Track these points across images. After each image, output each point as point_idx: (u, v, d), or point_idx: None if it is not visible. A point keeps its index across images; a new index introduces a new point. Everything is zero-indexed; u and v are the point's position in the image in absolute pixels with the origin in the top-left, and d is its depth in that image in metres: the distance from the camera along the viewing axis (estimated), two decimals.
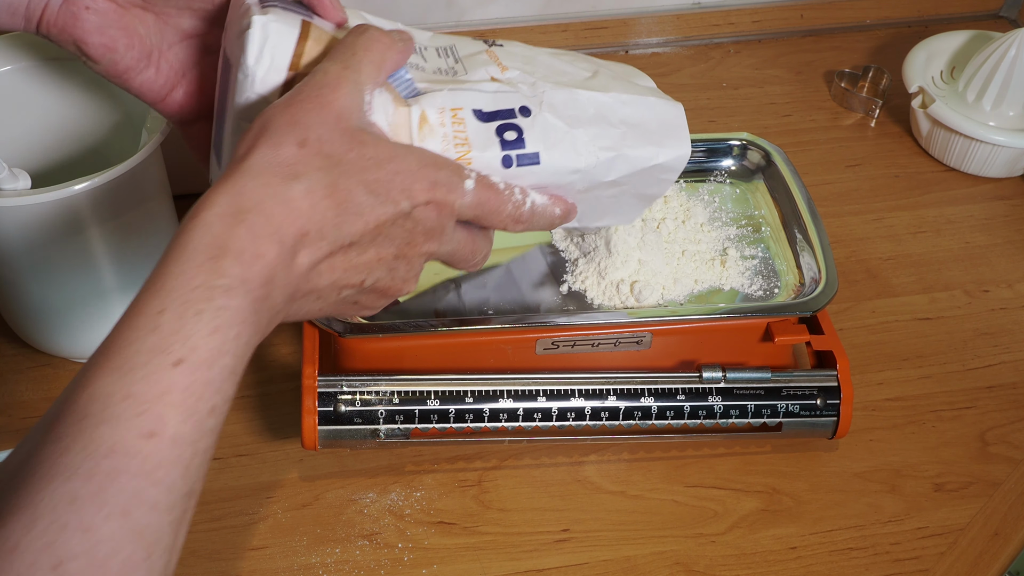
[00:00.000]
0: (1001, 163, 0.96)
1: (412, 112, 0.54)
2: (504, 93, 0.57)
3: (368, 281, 0.52)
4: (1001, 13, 1.17)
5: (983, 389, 0.81)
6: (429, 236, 0.53)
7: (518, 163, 0.56)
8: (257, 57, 0.53)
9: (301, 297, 0.49)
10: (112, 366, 0.42)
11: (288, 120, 0.49)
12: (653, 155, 0.61)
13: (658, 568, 0.69)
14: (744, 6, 1.12)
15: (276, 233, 0.46)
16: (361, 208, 0.49)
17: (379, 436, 0.69)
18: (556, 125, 0.57)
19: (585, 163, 0.58)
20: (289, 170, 0.47)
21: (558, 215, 0.59)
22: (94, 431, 0.40)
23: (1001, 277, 0.89)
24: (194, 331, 0.43)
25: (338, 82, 0.50)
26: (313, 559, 0.69)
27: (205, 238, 0.45)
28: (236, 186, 0.46)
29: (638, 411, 0.70)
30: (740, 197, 0.81)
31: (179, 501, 0.42)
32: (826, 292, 0.72)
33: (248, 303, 0.45)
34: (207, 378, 0.43)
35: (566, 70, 0.61)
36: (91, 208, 0.69)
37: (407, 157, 0.51)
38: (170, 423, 0.41)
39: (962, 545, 0.71)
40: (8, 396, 0.77)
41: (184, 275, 0.44)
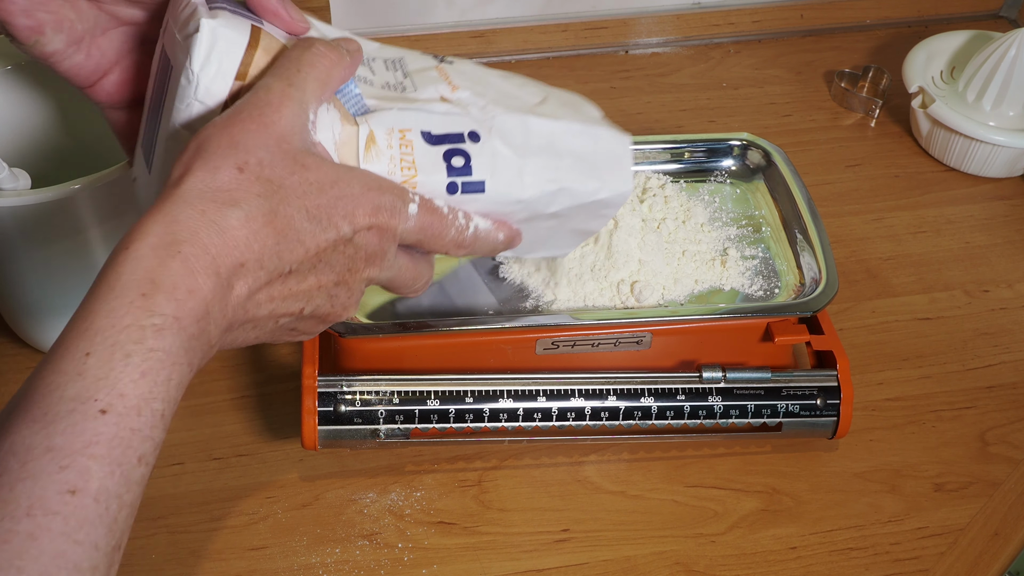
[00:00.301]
0: (1001, 163, 0.96)
1: (360, 131, 0.52)
2: (454, 116, 0.55)
3: (307, 309, 0.50)
4: (1001, 13, 1.17)
5: (983, 389, 0.81)
6: (370, 261, 0.51)
7: (463, 190, 0.55)
8: (203, 64, 0.50)
9: (237, 327, 0.48)
10: (33, 415, 0.40)
11: (227, 142, 0.46)
12: (595, 190, 0.60)
13: (658, 568, 0.69)
14: (744, 6, 1.12)
15: (212, 265, 0.44)
16: (301, 235, 0.47)
17: (379, 436, 0.69)
18: (504, 154, 0.56)
19: (529, 194, 0.57)
20: (227, 196, 0.45)
21: (501, 241, 0.58)
22: (12, 489, 0.38)
23: (1001, 277, 0.89)
24: (121, 376, 0.41)
25: (281, 101, 0.48)
26: (313, 559, 0.69)
27: (136, 272, 0.43)
28: (170, 214, 0.44)
29: (638, 411, 0.70)
30: (740, 197, 0.81)
31: (104, 559, 0.40)
32: (826, 292, 0.72)
33: (180, 342, 0.43)
34: (135, 426, 0.41)
35: (516, 94, 0.60)
36: (91, 207, 0.69)
37: (350, 181, 0.49)
38: (94, 477, 0.39)
39: (962, 545, 0.71)
40: (8, 396, 0.77)
41: (113, 314, 0.42)
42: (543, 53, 1.09)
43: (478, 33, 1.07)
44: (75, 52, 0.56)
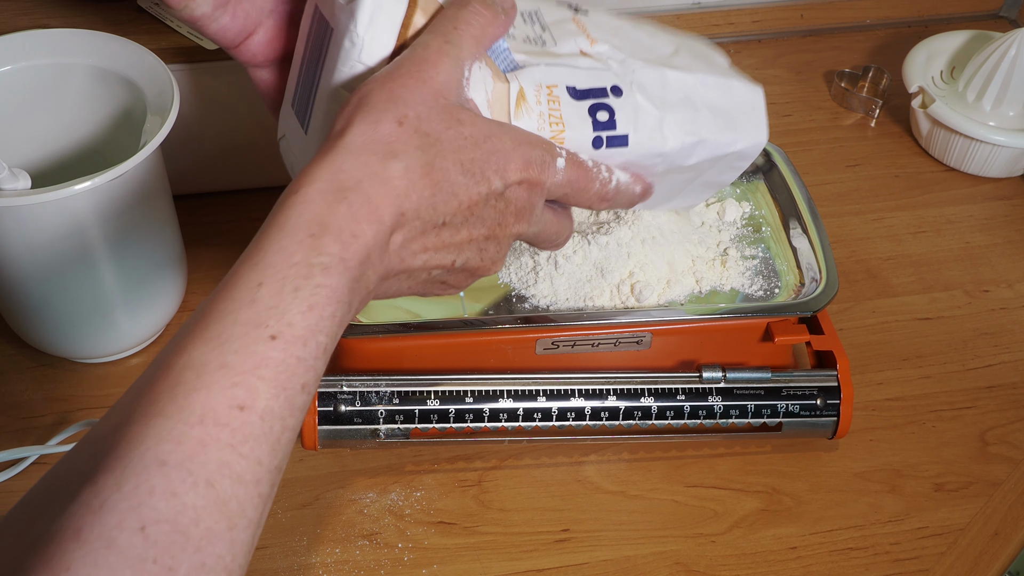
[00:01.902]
0: (1001, 163, 0.96)
1: (511, 88, 0.53)
2: (596, 70, 0.56)
3: (459, 261, 0.52)
4: (1001, 13, 1.17)
5: (983, 389, 0.81)
6: (520, 216, 0.53)
7: (607, 144, 0.56)
8: (367, 26, 0.52)
9: (393, 276, 0.49)
10: (209, 335, 0.42)
11: (387, 96, 0.48)
12: (732, 141, 0.61)
13: (658, 568, 0.69)
14: (744, 6, 1.12)
15: (375, 213, 0.46)
16: (456, 188, 0.49)
17: (379, 436, 0.69)
18: (646, 107, 0.57)
19: (670, 147, 0.58)
20: (387, 148, 0.47)
21: (638, 194, 0.59)
22: (187, 398, 0.40)
23: (1001, 277, 0.89)
24: (291, 307, 0.43)
25: (438, 57, 0.50)
26: (313, 559, 0.69)
27: (305, 214, 0.45)
28: (335, 163, 0.46)
29: (638, 411, 0.70)
30: (740, 197, 0.81)
31: (266, 476, 0.42)
32: (826, 292, 0.72)
33: (345, 282, 0.45)
34: (300, 355, 0.43)
35: (650, 45, 0.60)
36: (91, 208, 0.69)
37: (502, 136, 0.51)
38: (261, 397, 0.41)
39: (962, 545, 0.71)
40: (8, 396, 0.77)
41: (284, 250, 0.44)
42: None
43: None
44: (221, 15, 0.57)
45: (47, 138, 0.78)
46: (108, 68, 0.74)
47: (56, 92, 0.76)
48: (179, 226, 0.78)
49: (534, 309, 0.73)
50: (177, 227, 0.78)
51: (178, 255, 0.79)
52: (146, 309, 0.77)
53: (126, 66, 0.74)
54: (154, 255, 0.76)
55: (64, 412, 0.76)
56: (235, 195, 0.90)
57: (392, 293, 0.51)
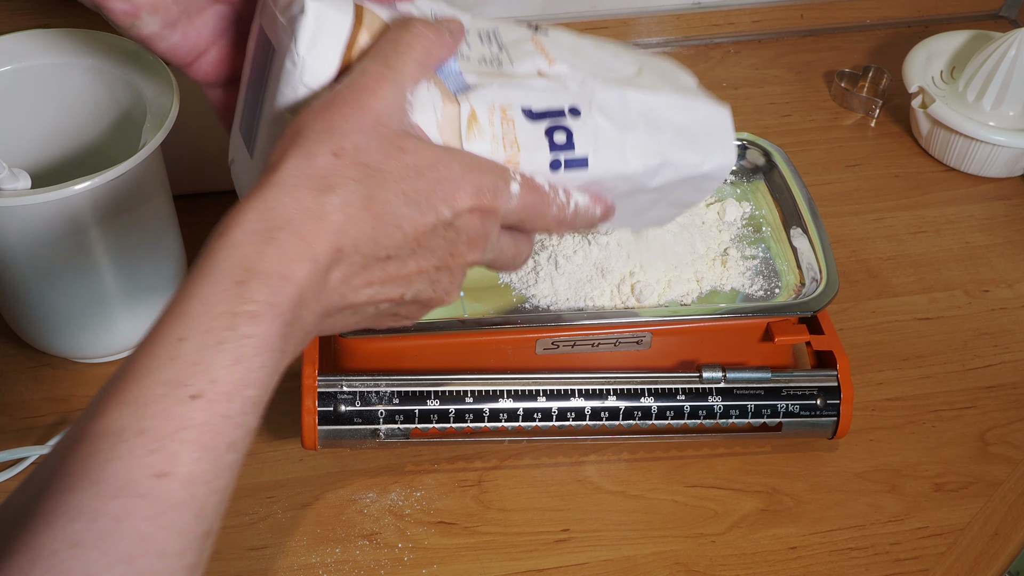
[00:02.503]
0: (1001, 163, 0.96)
1: (461, 110, 0.51)
2: (553, 91, 0.54)
3: (408, 294, 0.50)
4: (1001, 13, 1.17)
5: (983, 389, 0.81)
6: (472, 244, 0.51)
7: (566, 167, 0.54)
8: (309, 46, 0.50)
9: (335, 313, 0.48)
10: (127, 398, 0.40)
11: (323, 127, 0.46)
12: (699, 163, 0.59)
13: (658, 568, 0.69)
14: (744, 6, 1.12)
15: (308, 252, 0.44)
16: (399, 219, 0.47)
17: (379, 436, 0.69)
18: (606, 128, 0.55)
19: (632, 169, 0.56)
20: (323, 182, 0.45)
21: (599, 216, 0.57)
22: (102, 469, 0.38)
23: (1001, 277, 0.89)
24: (215, 362, 0.41)
25: (378, 84, 0.48)
26: (313, 559, 0.69)
27: (231, 259, 0.43)
28: (265, 201, 0.44)
29: (638, 411, 0.70)
30: (741, 197, 0.81)
31: (191, 545, 0.40)
32: (826, 292, 0.72)
33: (275, 329, 0.43)
34: (226, 412, 0.41)
35: (612, 65, 0.59)
36: (91, 208, 0.69)
37: (450, 163, 0.49)
38: (184, 462, 0.39)
39: (962, 545, 0.71)
40: (8, 396, 0.77)
41: (208, 300, 0.42)
42: None
43: None
44: (171, 33, 0.56)
45: (47, 138, 0.78)
46: (108, 68, 0.74)
47: (56, 92, 0.76)
48: (179, 226, 0.78)
49: (534, 309, 0.73)
50: (177, 227, 0.78)
51: (178, 255, 0.79)
52: (146, 309, 0.77)
53: (126, 66, 0.74)
54: (154, 255, 0.76)
55: (64, 412, 0.76)
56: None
57: (338, 329, 0.49)
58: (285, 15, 0.51)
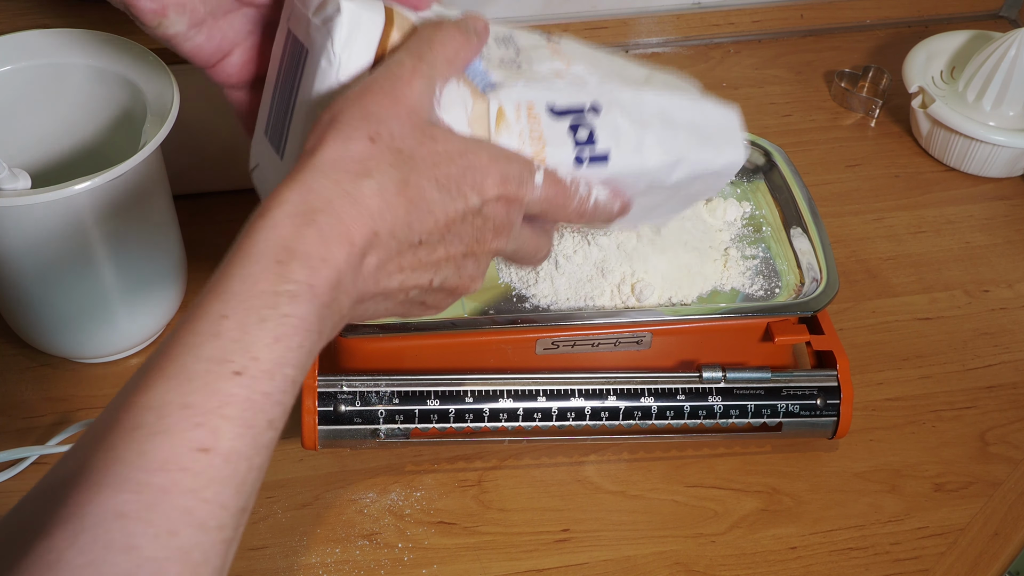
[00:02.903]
0: (1001, 163, 0.96)
1: (490, 106, 0.53)
2: (575, 88, 0.56)
3: (436, 280, 0.51)
4: (1001, 13, 1.17)
5: (983, 389, 0.81)
6: (498, 232, 0.52)
7: (589, 163, 0.56)
8: (344, 45, 0.51)
9: (368, 299, 0.48)
10: (170, 373, 0.40)
11: (359, 113, 0.47)
12: (712, 160, 0.61)
13: (658, 568, 0.69)
14: (744, 6, 1.12)
15: (346, 235, 0.45)
16: (432, 205, 0.48)
17: (379, 436, 0.69)
18: (625, 126, 0.57)
19: (651, 165, 0.58)
20: (360, 167, 0.46)
21: (617, 211, 0.58)
22: (146, 442, 0.39)
23: (1001, 277, 0.89)
24: (256, 340, 0.41)
25: (412, 75, 0.49)
26: (313, 559, 0.69)
27: (272, 240, 0.43)
28: (305, 184, 0.45)
29: (638, 411, 0.70)
30: (741, 197, 0.81)
31: (230, 520, 0.40)
32: (826, 292, 0.72)
33: (314, 310, 0.43)
34: (267, 390, 0.41)
35: (623, 71, 0.61)
36: (91, 208, 0.69)
37: (478, 152, 0.50)
38: (225, 437, 0.40)
39: (962, 545, 0.71)
40: (8, 396, 0.77)
41: (249, 279, 0.42)
42: None
43: None
44: (197, 34, 0.56)
45: (47, 138, 0.78)
46: (108, 68, 0.74)
47: (56, 92, 0.76)
48: (179, 226, 0.78)
49: (534, 309, 0.73)
50: (177, 227, 0.78)
51: (178, 255, 0.79)
52: (146, 309, 0.77)
53: (126, 66, 0.74)
54: (154, 255, 0.76)
55: (64, 412, 0.76)
56: (235, 195, 0.90)
57: (369, 316, 0.50)
58: (319, 16, 0.52)
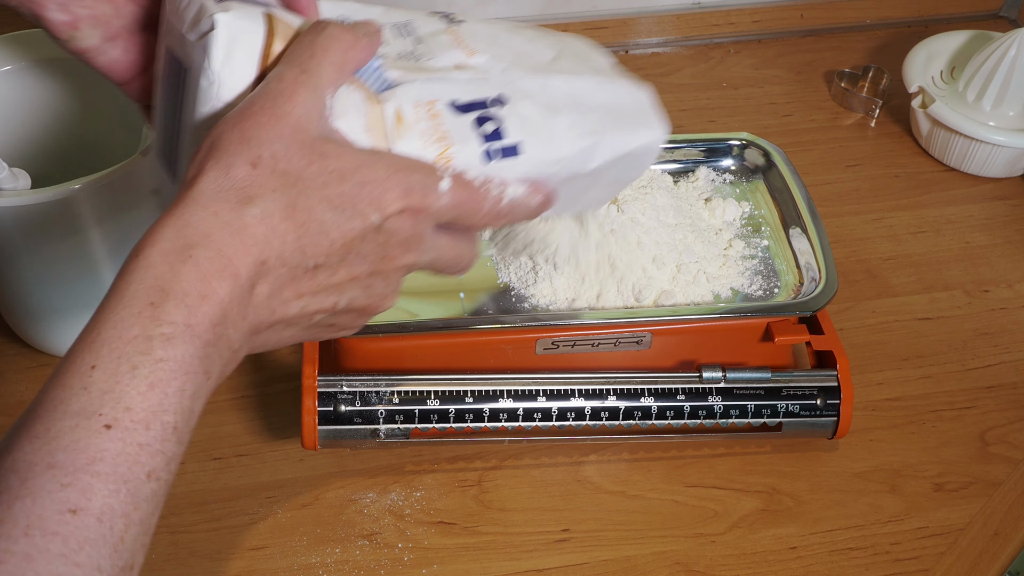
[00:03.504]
0: (1001, 163, 0.96)
1: (386, 109, 0.50)
2: (477, 82, 0.54)
3: (342, 303, 0.48)
4: (1001, 13, 1.17)
5: (983, 389, 0.81)
6: (406, 247, 0.49)
7: (500, 156, 0.53)
8: (223, 62, 0.48)
9: (266, 329, 0.46)
10: (36, 432, 0.38)
11: (238, 137, 0.45)
12: (631, 139, 0.58)
13: (658, 568, 0.69)
14: (744, 6, 1.12)
15: (228, 267, 0.42)
16: (325, 227, 0.45)
17: (379, 436, 0.69)
18: (533, 114, 0.54)
19: (567, 151, 0.55)
20: (241, 194, 0.43)
21: (537, 205, 0.55)
22: (10, 508, 0.37)
23: (1001, 277, 0.89)
24: (128, 389, 0.39)
25: (294, 89, 0.46)
26: (313, 559, 0.69)
27: (145, 281, 0.41)
28: (182, 218, 0.43)
29: (638, 411, 0.70)
30: (740, 197, 0.81)
31: None
32: (826, 292, 0.72)
33: (194, 350, 0.41)
34: (143, 441, 0.39)
35: (530, 52, 0.58)
36: (91, 208, 0.69)
37: (374, 165, 0.47)
38: (97, 495, 0.38)
39: (962, 545, 0.71)
40: (8, 396, 0.77)
41: (120, 324, 0.40)
42: None
43: None
44: (111, 48, 0.54)
45: (47, 138, 0.78)
46: None
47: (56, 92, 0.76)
48: None
49: (534, 309, 0.73)
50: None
51: None
52: None
53: None
54: None
55: None
56: None
57: (272, 344, 0.48)
58: (193, 32, 0.49)
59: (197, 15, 0.49)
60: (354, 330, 0.52)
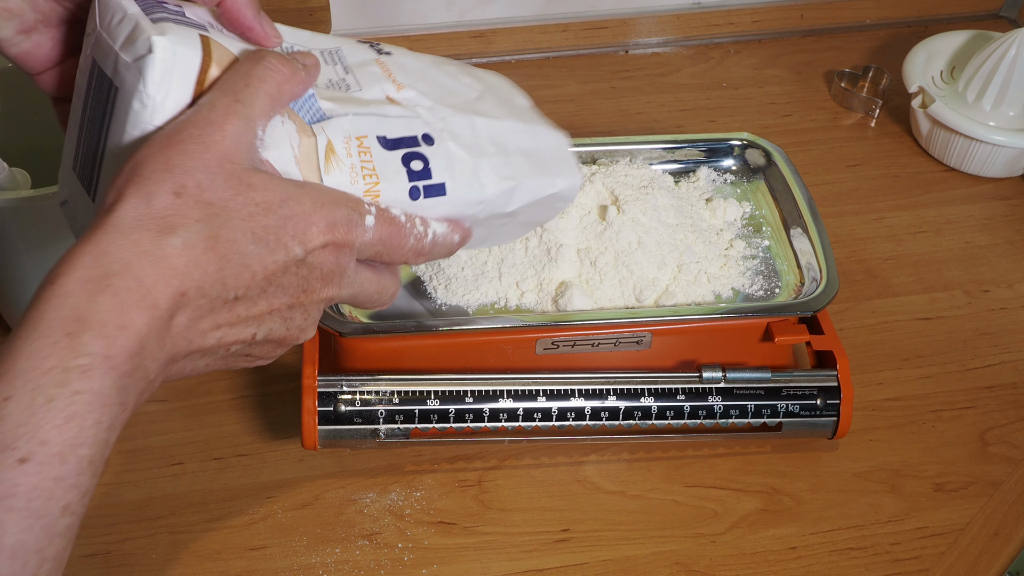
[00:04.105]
0: (1001, 163, 0.96)
1: (318, 143, 0.50)
2: (406, 118, 0.54)
3: (260, 334, 0.48)
4: (1001, 13, 1.17)
5: (983, 389, 0.81)
6: (327, 281, 0.49)
7: (424, 195, 0.53)
8: (158, 84, 0.47)
9: (182, 358, 0.45)
10: None
11: (162, 165, 0.44)
12: (549, 184, 0.60)
13: (658, 568, 0.69)
14: (744, 6, 1.12)
15: (147, 298, 0.42)
16: (247, 259, 0.45)
17: (379, 436, 0.69)
18: (459, 154, 0.55)
19: (488, 193, 0.57)
20: (163, 223, 0.43)
21: (457, 242, 0.56)
22: None
23: (1001, 277, 0.89)
24: (44, 422, 0.38)
25: (226, 118, 0.46)
26: (313, 559, 0.69)
27: (62, 310, 0.40)
28: (100, 245, 0.42)
29: (638, 411, 0.70)
30: (741, 197, 0.81)
31: None
32: (826, 292, 0.72)
33: (111, 382, 0.40)
34: (58, 475, 0.38)
35: (456, 89, 0.59)
36: None
37: (301, 198, 0.47)
38: (10, 532, 0.37)
39: (962, 545, 0.71)
40: None
41: (35, 355, 0.39)
42: (543, 53, 1.09)
43: (478, 33, 1.07)
44: (24, 40, 0.53)
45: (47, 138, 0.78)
46: None
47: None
48: None
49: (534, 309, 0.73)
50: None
51: None
52: None
53: None
54: None
55: None
56: None
57: (187, 374, 0.47)
58: (128, 52, 0.48)
59: (132, 35, 0.48)
60: (270, 360, 0.51)
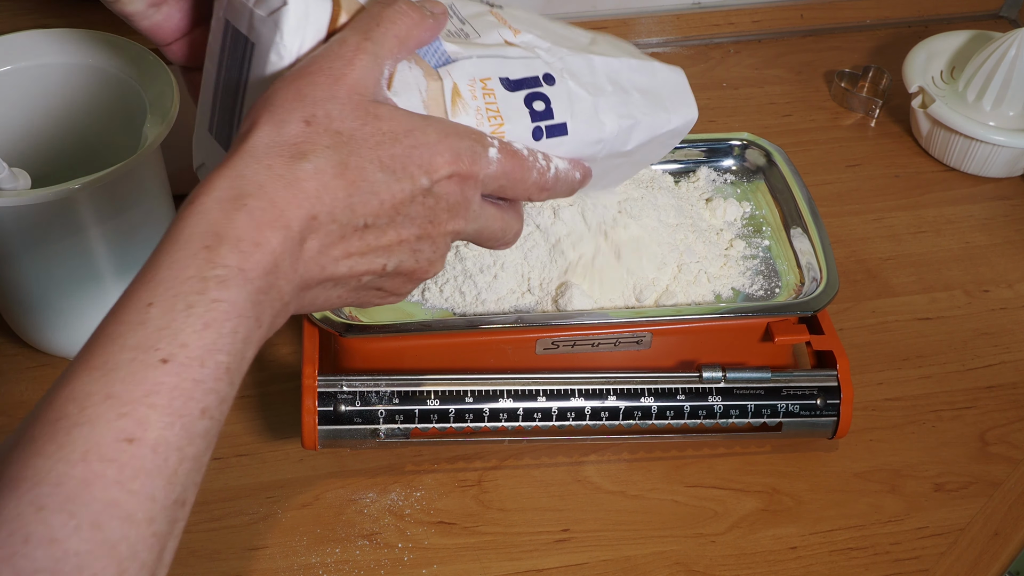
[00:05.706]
0: (1001, 163, 0.96)
1: (444, 86, 0.52)
2: (526, 59, 0.55)
3: (390, 265, 0.49)
4: (1001, 13, 1.17)
5: (983, 389, 0.81)
6: (454, 212, 0.50)
7: (547, 134, 0.54)
8: (293, 35, 0.49)
9: (315, 286, 0.47)
10: (94, 364, 0.39)
11: (294, 95, 0.46)
12: (666, 121, 0.60)
13: (658, 568, 0.69)
14: (744, 6, 1.12)
15: (280, 218, 0.43)
16: (375, 186, 0.46)
17: (379, 436, 0.69)
18: (579, 94, 0.56)
19: (607, 132, 0.57)
20: (295, 149, 0.45)
21: (578, 180, 0.56)
22: (68, 434, 0.38)
23: (1001, 277, 0.89)
24: (184, 326, 0.40)
25: (355, 54, 0.47)
26: (313, 559, 0.69)
27: (200, 225, 0.42)
28: (236, 169, 0.44)
29: (638, 411, 0.70)
30: (741, 197, 0.81)
31: (162, 513, 0.39)
32: (826, 292, 0.72)
33: (246, 295, 0.42)
34: (197, 377, 0.40)
35: (569, 35, 0.60)
36: (91, 207, 0.69)
37: (426, 129, 0.48)
38: (153, 427, 0.39)
39: (962, 545, 0.71)
40: (8, 396, 0.77)
41: (176, 265, 0.41)
42: None
43: None
44: (155, 12, 0.55)
45: (47, 138, 0.78)
46: (108, 68, 0.74)
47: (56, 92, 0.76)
48: None
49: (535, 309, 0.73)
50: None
51: None
52: None
53: (126, 66, 0.74)
54: None
55: None
56: None
57: (321, 304, 0.48)
58: (263, 7, 0.50)
59: None
60: (401, 297, 0.52)
